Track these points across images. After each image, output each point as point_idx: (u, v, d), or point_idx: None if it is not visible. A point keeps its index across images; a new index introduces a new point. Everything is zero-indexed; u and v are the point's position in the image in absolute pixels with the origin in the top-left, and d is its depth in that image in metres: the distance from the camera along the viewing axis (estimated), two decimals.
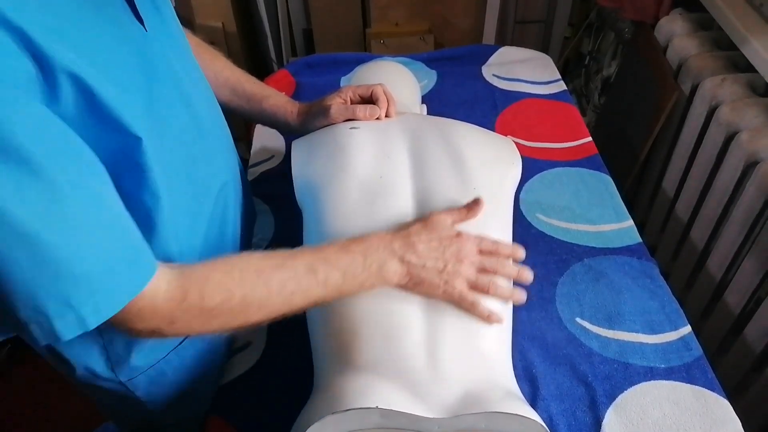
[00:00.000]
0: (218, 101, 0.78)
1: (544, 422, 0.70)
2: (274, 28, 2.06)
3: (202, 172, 0.66)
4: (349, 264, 0.61)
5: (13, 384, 1.57)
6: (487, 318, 0.64)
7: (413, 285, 0.64)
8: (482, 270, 0.66)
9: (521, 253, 0.69)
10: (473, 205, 0.68)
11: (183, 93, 0.62)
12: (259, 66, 2.21)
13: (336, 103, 0.85)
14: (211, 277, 0.55)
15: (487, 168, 0.77)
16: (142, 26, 0.55)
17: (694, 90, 1.25)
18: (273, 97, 0.88)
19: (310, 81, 1.29)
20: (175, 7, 1.62)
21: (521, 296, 0.68)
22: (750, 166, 1.07)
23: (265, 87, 0.90)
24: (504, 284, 0.67)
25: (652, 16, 1.46)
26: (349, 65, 1.17)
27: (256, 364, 0.78)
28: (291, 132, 0.91)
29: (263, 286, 0.57)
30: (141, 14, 0.55)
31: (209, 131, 0.68)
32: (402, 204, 0.72)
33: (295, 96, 1.26)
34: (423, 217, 0.68)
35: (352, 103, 0.87)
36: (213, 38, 1.98)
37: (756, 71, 1.14)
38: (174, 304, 0.52)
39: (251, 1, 1.99)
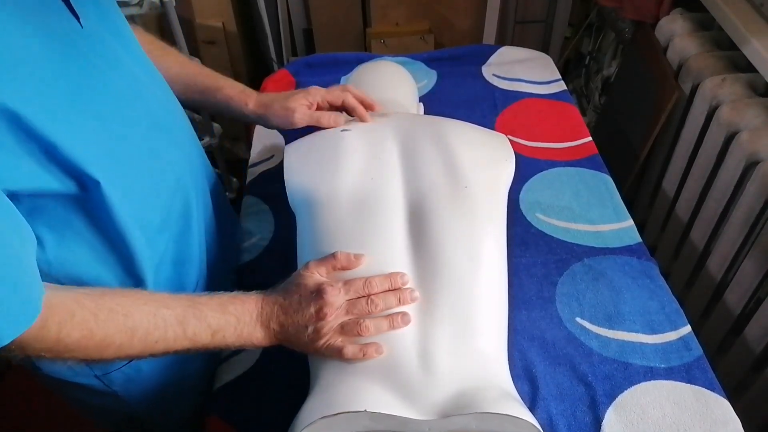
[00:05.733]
0: None
1: (544, 422, 0.70)
2: (274, 28, 2.06)
3: (158, 164, 0.66)
4: (222, 325, 0.61)
5: (7, 387, 1.57)
6: (362, 355, 0.62)
7: (287, 344, 0.65)
8: (354, 315, 0.64)
9: (401, 279, 0.66)
10: (354, 258, 0.66)
11: (133, 86, 0.61)
12: (259, 66, 2.21)
13: (301, 109, 0.83)
14: (76, 312, 0.53)
15: (480, 166, 0.76)
16: (77, 22, 0.54)
17: (694, 90, 1.25)
18: (227, 88, 0.86)
19: (310, 81, 1.29)
20: (175, 7, 1.62)
21: (401, 323, 0.64)
22: (750, 166, 1.07)
23: (219, 78, 0.88)
24: (377, 322, 0.63)
25: (653, 15, 1.46)
26: (349, 65, 1.17)
27: (256, 364, 0.78)
28: (251, 122, 0.90)
29: (128, 331, 0.56)
30: (76, 10, 0.54)
31: (164, 122, 0.68)
32: (393, 205, 0.72)
33: None
34: (292, 278, 0.67)
35: (319, 108, 0.85)
36: (213, 38, 1.98)
37: (756, 71, 1.14)
38: (28, 333, 0.49)
39: (251, 1, 1.99)
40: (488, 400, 0.57)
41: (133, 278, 0.66)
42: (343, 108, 0.87)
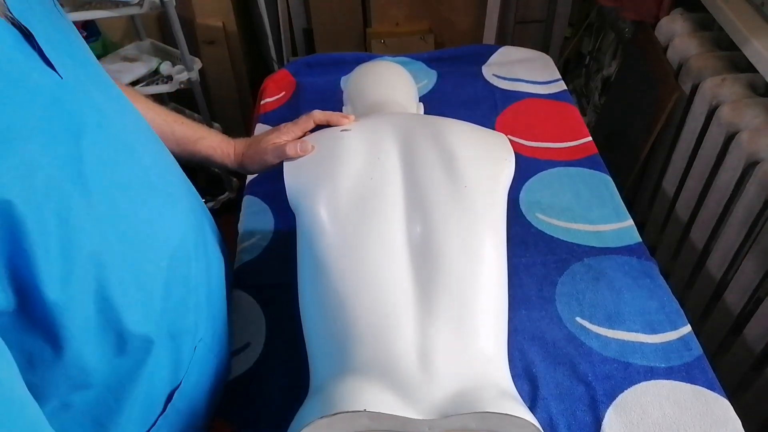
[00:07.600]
0: None
1: (544, 422, 0.70)
2: (275, 27, 2.07)
3: (153, 232, 0.57)
4: None
5: None
6: None
7: None
8: None
9: None
10: None
11: (124, 142, 0.55)
12: (259, 66, 2.22)
13: (272, 145, 0.80)
14: None
15: (480, 166, 0.76)
16: (56, 74, 0.47)
17: (694, 90, 1.25)
18: (207, 138, 0.82)
19: (310, 81, 1.29)
20: (175, 7, 1.61)
21: None
22: (750, 166, 1.07)
23: (199, 128, 0.83)
24: None
25: (653, 15, 1.46)
26: (349, 65, 1.17)
27: (256, 363, 0.78)
28: (233, 171, 0.86)
29: None
30: (51, 60, 0.47)
31: (160, 180, 0.61)
32: (392, 205, 0.72)
33: (295, 96, 1.26)
34: None
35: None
36: (213, 38, 1.98)
37: (756, 71, 1.14)
38: None
39: (251, 1, 1.99)
40: (487, 399, 0.57)
41: (128, 357, 0.55)
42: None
